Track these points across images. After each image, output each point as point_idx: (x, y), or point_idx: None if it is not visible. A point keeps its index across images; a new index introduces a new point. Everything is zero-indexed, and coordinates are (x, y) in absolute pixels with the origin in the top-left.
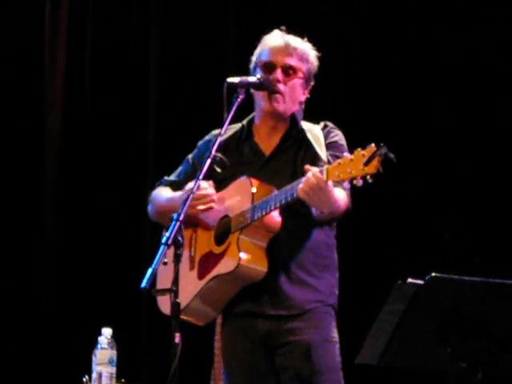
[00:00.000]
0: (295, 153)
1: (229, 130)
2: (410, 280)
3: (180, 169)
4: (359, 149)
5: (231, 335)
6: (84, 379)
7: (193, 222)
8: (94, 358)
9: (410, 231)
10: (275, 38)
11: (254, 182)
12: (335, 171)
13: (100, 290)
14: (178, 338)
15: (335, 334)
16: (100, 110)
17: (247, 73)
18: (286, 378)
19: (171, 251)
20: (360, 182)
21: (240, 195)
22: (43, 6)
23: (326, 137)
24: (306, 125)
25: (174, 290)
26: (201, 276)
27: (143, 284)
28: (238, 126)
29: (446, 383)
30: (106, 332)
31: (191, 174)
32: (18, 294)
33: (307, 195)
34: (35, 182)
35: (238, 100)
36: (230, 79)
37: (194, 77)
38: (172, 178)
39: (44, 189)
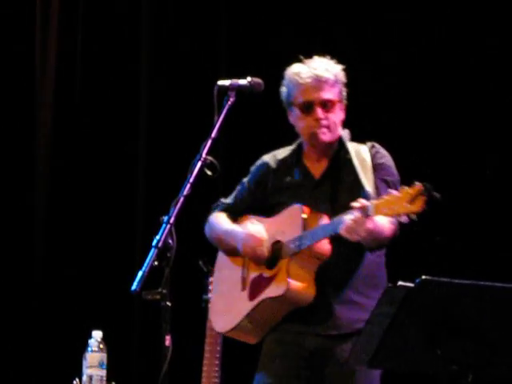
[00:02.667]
0: (342, 178)
1: (282, 152)
2: (400, 283)
3: (236, 192)
4: (405, 187)
5: (278, 354)
6: (74, 382)
7: None
8: (84, 361)
9: (400, 235)
10: (303, 74)
11: (305, 209)
12: (383, 208)
13: (90, 292)
14: (168, 341)
15: None
16: (90, 111)
17: (238, 75)
18: None
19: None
20: (404, 219)
21: (291, 222)
22: (33, 5)
23: (373, 158)
24: (353, 146)
25: (163, 293)
26: (251, 297)
27: (133, 287)
28: (288, 148)
29: None
30: (97, 335)
31: (247, 199)
32: (9, 297)
33: (349, 235)
34: (26, 184)
35: (229, 103)
36: (220, 82)
37: (184, 79)
38: (229, 201)
39: (35, 189)
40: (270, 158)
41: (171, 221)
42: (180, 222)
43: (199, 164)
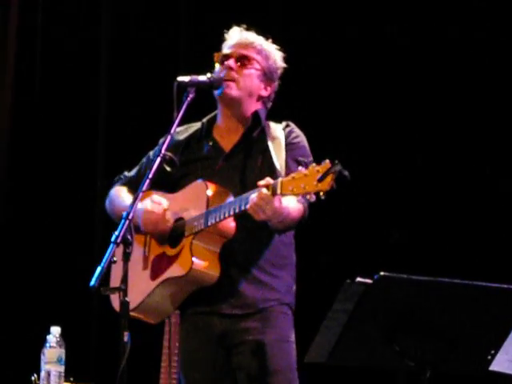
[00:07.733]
0: (253, 154)
1: (189, 128)
2: (358, 279)
3: (139, 165)
4: (314, 164)
5: (188, 334)
6: (32, 378)
7: None
8: (42, 357)
9: (359, 231)
10: (234, 33)
11: (210, 185)
12: (289, 185)
13: (49, 288)
14: (126, 337)
15: (291, 334)
16: (50, 109)
17: (198, 71)
18: (241, 378)
19: (121, 249)
20: (313, 198)
21: (195, 199)
22: None
23: (286, 137)
24: (268, 124)
25: (122, 289)
26: (153, 277)
27: (92, 282)
28: (198, 124)
29: (395, 381)
30: (55, 330)
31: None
32: None
33: (255, 212)
34: None
35: (188, 99)
36: (180, 78)
37: (144, 75)
38: (132, 174)
39: None
40: (183, 130)
41: (130, 216)
42: None
43: (158, 160)
